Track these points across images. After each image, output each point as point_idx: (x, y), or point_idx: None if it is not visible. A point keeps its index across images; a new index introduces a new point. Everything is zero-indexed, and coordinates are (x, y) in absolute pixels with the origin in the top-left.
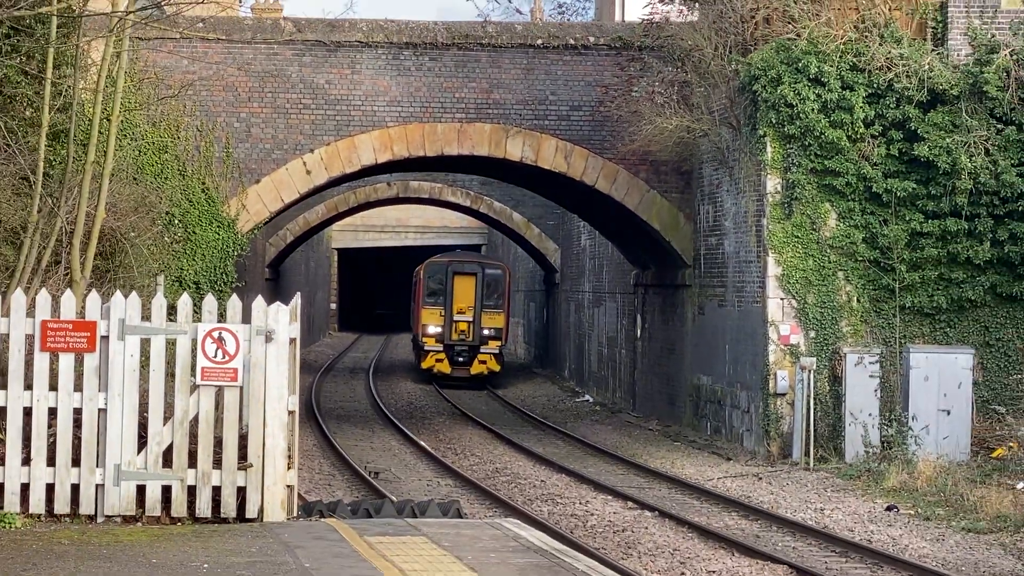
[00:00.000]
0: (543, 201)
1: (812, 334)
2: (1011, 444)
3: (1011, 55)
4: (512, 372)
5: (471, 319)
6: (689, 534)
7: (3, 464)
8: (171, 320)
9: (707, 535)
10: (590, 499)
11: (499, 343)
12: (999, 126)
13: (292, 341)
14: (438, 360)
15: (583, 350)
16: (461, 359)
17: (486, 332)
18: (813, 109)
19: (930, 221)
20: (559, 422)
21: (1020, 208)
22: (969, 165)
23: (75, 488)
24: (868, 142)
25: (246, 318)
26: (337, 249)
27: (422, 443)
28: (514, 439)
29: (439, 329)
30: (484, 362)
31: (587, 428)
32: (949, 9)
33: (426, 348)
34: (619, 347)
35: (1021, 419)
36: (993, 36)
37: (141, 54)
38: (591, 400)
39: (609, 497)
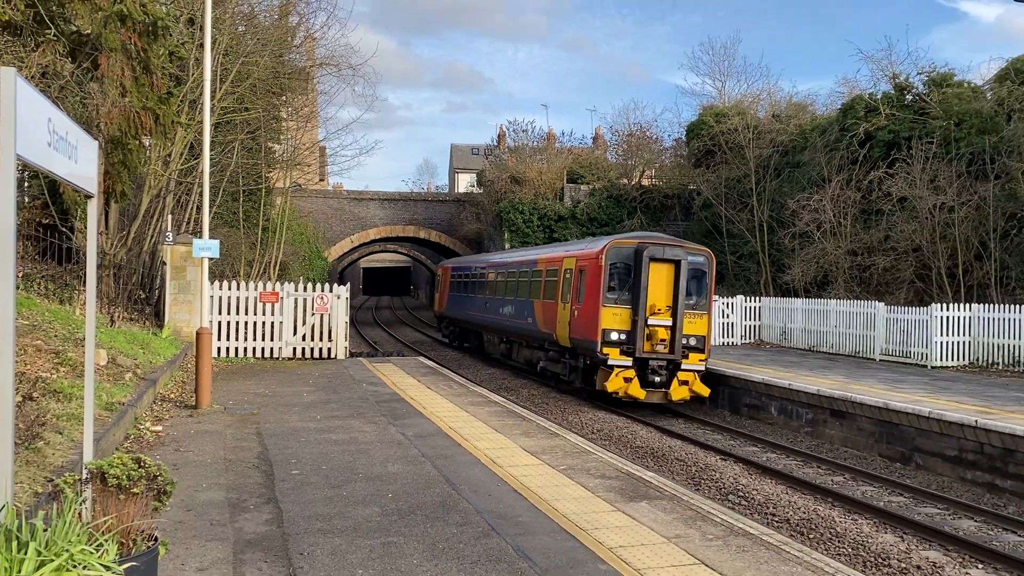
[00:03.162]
0: (433, 253)
1: None
2: None
3: (585, 205)
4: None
5: (670, 323)
6: (480, 361)
7: (246, 340)
8: (304, 291)
9: (486, 362)
10: (446, 350)
11: (703, 357)
12: (581, 227)
13: (347, 298)
14: (627, 379)
15: None
16: (658, 379)
17: (688, 342)
18: (520, 221)
19: None
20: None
21: None
22: (572, 239)
23: (271, 349)
24: (537, 232)
25: (332, 291)
26: (362, 267)
27: (391, 332)
28: (423, 330)
29: (624, 336)
30: (686, 383)
31: None
32: (564, 188)
33: (610, 362)
34: None
35: None
36: (579, 199)
37: (293, 201)
38: None
39: (452, 349)
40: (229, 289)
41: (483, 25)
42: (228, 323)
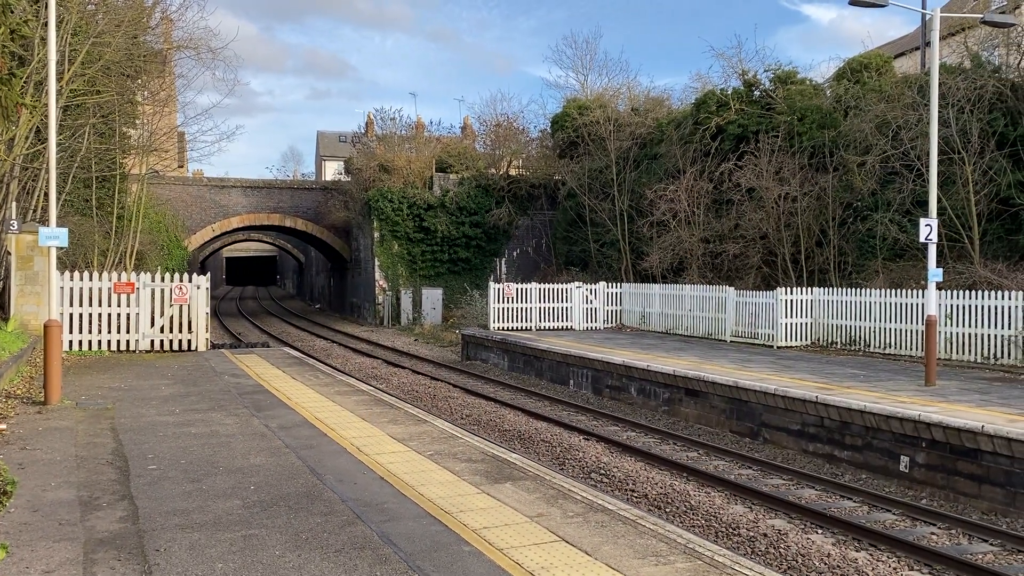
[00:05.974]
0: (300, 242)
1: (389, 284)
2: (454, 318)
3: (454, 194)
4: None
5: None
6: (350, 351)
7: (100, 333)
8: (163, 281)
9: (356, 351)
10: (315, 340)
11: None
12: (451, 216)
13: (207, 288)
14: None
15: (313, 288)
16: None
17: None
18: (389, 210)
19: (428, 248)
20: (306, 315)
21: (457, 244)
22: (442, 229)
23: (127, 341)
24: (407, 221)
25: (192, 280)
26: (225, 257)
27: (256, 323)
28: (290, 321)
29: None
30: None
31: (315, 316)
32: (434, 178)
33: None
34: (327, 288)
35: (458, 311)
36: (448, 188)
37: (150, 189)
38: (319, 307)
39: (321, 339)
40: (81, 280)
41: (347, 12)
42: (81, 315)
